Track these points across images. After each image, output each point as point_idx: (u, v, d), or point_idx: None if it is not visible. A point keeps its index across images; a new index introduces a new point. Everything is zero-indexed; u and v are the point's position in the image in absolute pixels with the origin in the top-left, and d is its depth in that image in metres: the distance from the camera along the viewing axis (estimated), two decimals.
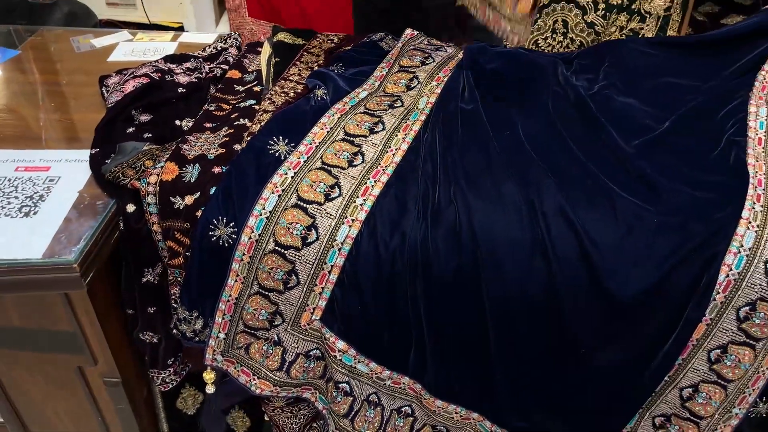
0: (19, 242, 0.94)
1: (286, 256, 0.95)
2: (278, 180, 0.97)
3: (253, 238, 0.95)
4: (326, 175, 0.97)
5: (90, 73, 1.34)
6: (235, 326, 1.01)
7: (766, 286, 0.90)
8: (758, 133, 1.04)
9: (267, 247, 0.95)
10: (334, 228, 0.94)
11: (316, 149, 1.01)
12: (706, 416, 0.99)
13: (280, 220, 0.94)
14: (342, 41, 1.37)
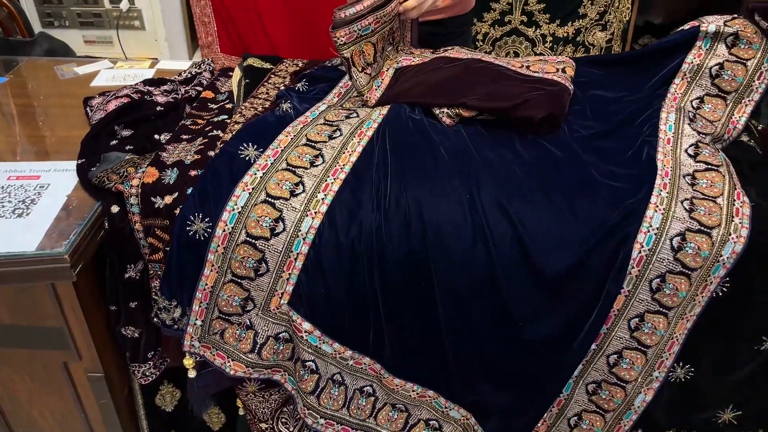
0: (14, 238, 1.04)
1: (257, 246, 1.07)
2: (248, 179, 1.09)
3: (227, 230, 1.07)
4: (291, 174, 1.10)
5: (74, 96, 1.46)
6: (210, 313, 1.12)
7: (673, 260, 1.04)
8: (667, 134, 1.20)
9: (239, 238, 1.07)
10: (299, 220, 1.06)
11: (281, 153, 1.14)
12: (631, 380, 1.12)
13: (250, 214, 1.06)
14: (306, 65, 1.52)
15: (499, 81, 1.27)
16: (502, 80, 1.27)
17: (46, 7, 2.69)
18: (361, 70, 1.30)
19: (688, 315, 1.08)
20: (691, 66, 1.28)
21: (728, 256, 1.03)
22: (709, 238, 1.03)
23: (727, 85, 1.26)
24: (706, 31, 1.28)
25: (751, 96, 1.26)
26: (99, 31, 2.73)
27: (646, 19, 3.07)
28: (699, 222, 1.04)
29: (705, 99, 1.27)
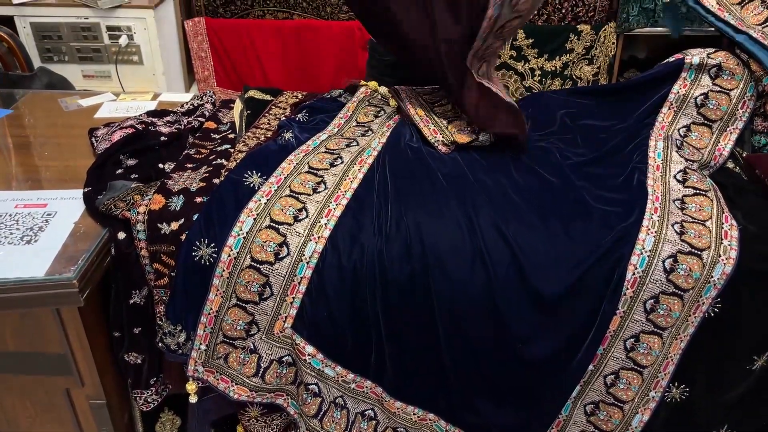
0: (23, 264, 1.06)
1: (261, 270, 1.09)
2: (253, 206, 1.12)
3: (232, 255, 1.09)
4: (294, 200, 1.13)
5: (79, 127, 1.49)
6: (215, 337, 1.14)
7: (666, 282, 1.08)
8: (656, 161, 1.25)
9: (244, 263, 1.09)
10: (303, 244, 1.09)
11: (285, 180, 1.17)
12: (628, 400, 1.15)
13: (255, 239, 1.09)
14: (306, 97, 1.56)
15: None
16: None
17: (46, 43, 2.73)
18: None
19: (681, 335, 1.11)
20: (678, 96, 1.34)
21: (718, 277, 1.07)
22: (700, 260, 1.07)
23: (712, 113, 1.31)
24: (691, 63, 1.34)
25: (735, 124, 1.31)
26: (97, 65, 2.77)
27: (631, 54, 3.16)
28: (690, 244, 1.08)
29: (691, 127, 1.32)
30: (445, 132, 1.30)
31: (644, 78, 1.43)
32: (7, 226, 1.15)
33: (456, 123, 1.33)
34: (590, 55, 2.86)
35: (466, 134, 1.30)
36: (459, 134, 1.30)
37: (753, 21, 1.35)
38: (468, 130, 1.31)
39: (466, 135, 1.29)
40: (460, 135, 1.29)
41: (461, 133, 1.30)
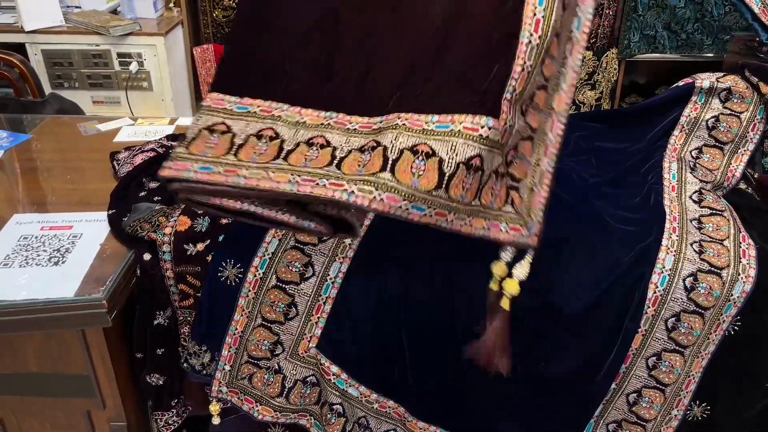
0: (52, 285, 1.07)
1: (287, 290, 1.10)
2: None
3: (258, 276, 1.11)
4: None
5: (99, 151, 1.51)
6: (240, 358, 1.15)
7: (686, 300, 1.09)
8: (671, 182, 1.27)
9: (270, 283, 1.10)
10: (328, 264, 1.11)
11: None
12: (650, 419, 1.15)
13: (281, 260, 1.10)
14: None
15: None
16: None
17: (57, 69, 2.77)
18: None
19: (703, 353, 1.12)
20: (689, 119, 1.37)
21: (738, 296, 1.09)
22: (720, 278, 1.09)
23: (723, 136, 1.34)
24: (701, 87, 1.37)
25: (746, 146, 1.34)
26: (107, 92, 2.81)
27: (632, 79, 3.22)
28: (709, 263, 1.10)
29: (703, 149, 1.35)
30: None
31: (655, 102, 1.46)
32: (35, 248, 1.16)
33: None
34: (593, 81, 2.91)
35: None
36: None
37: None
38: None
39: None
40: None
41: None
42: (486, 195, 0.91)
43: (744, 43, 1.55)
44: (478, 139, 0.87)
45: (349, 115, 0.96)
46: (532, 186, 0.91)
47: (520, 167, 0.93)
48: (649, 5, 2.73)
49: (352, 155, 0.90)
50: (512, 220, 0.93)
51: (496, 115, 0.88)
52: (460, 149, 0.87)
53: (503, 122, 0.89)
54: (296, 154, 0.91)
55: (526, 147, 0.93)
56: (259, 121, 0.95)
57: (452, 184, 0.86)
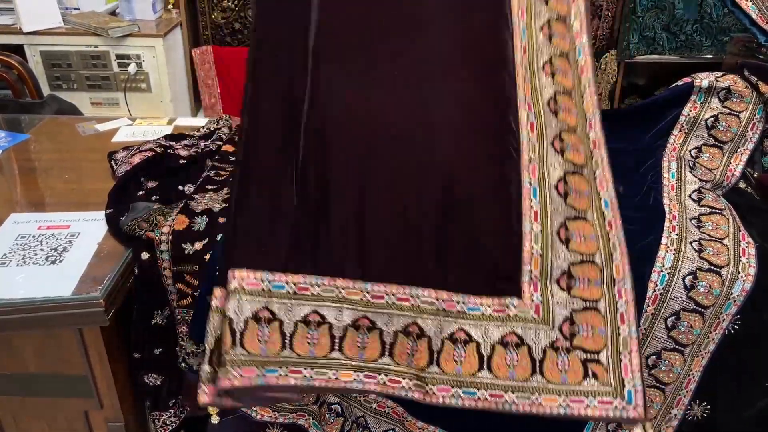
0: (49, 284, 1.07)
1: None
2: None
3: None
4: None
5: (97, 152, 1.51)
6: None
7: (686, 299, 1.09)
8: (671, 181, 1.27)
9: None
10: None
11: None
12: (650, 418, 1.15)
13: None
14: None
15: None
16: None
17: (55, 71, 2.77)
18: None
19: (702, 352, 1.12)
20: (688, 118, 1.37)
21: (738, 294, 1.08)
22: (719, 277, 1.08)
23: (722, 135, 1.34)
24: (700, 86, 1.37)
25: (745, 145, 1.34)
26: (106, 93, 2.81)
27: (631, 81, 3.22)
28: (708, 261, 1.09)
29: (702, 149, 1.35)
30: None
31: (654, 101, 1.46)
32: (32, 247, 1.15)
33: None
34: None
35: None
36: None
37: None
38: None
39: None
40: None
41: None
42: (551, 371, 0.95)
43: (743, 44, 1.55)
44: (506, 319, 0.96)
45: (383, 284, 0.99)
46: (615, 356, 0.96)
47: (592, 339, 0.97)
48: (648, 7, 2.74)
49: (399, 342, 0.97)
50: (600, 393, 0.95)
51: (519, 295, 0.96)
52: (493, 331, 0.96)
53: (529, 300, 0.96)
54: (348, 343, 0.96)
55: (592, 318, 0.98)
56: (301, 303, 0.96)
57: (494, 364, 0.94)
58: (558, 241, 1.01)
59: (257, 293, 0.95)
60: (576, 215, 1.03)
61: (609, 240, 1.00)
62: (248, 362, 0.90)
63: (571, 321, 0.98)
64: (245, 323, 0.93)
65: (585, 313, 0.99)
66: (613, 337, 0.97)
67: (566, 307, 0.99)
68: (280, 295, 0.96)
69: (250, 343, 0.91)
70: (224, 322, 0.92)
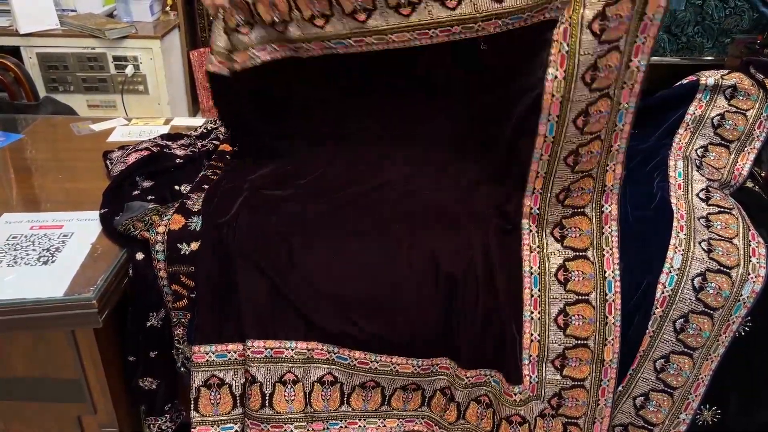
0: (40, 285, 1.03)
1: None
2: None
3: None
4: None
5: (92, 151, 1.48)
6: None
7: (695, 300, 1.06)
8: (677, 180, 1.24)
9: None
10: None
11: None
12: (658, 423, 1.12)
13: None
14: None
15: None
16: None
17: (51, 73, 2.74)
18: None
19: (712, 356, 1.09)
20: (694, 117, 1.34)
21: (748, 296, 1.06)
22: (729, 278, 1.06)
23: (729, 134, 1.31)
24: (706, 84, 1.34)
25: (752, 144, 1.31)
26: (103, 95, 2.78)
27: None
28: (718, 262, 1.07)
29: (709, 148, 1.32)
30: None
31: (659, 99, 1.43)
32: (24, 248, 1.12)
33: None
34: None
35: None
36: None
37: None
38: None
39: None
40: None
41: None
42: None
43: (745, 45, 1.53)
44: (513, 403, 1.09)
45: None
46: (593, 420, 1.12)
47: (575, 408, 1.12)
48: None
49: (436, 397, 1.16)
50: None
51: (520, 382, 1.08)
52: (502, 408, 1.10)
53: (527, 383, 1.09)
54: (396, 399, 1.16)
55: (577, 394, 1.11)
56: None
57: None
58: (556, 327, 1.09)
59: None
60: (577, 299, 1.09)
61: (606, 324, 1.07)
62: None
63: (560, 396, 1.12)
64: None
65: (572, 390, 1.11)
66: (591, 407, 1.12)
67: (557, 386, 1.11)
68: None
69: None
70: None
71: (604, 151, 1.07)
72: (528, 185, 1.11)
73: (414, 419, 1.17)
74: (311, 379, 1.12)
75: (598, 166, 1.09)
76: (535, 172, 1.08)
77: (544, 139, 1.04)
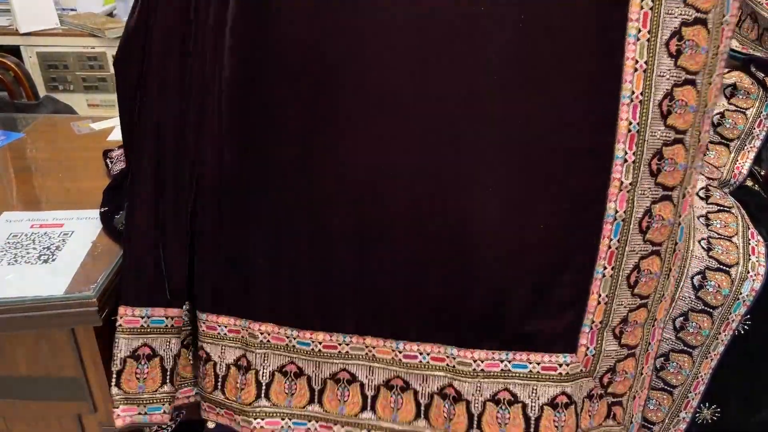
0: (41, 283, 1.04)
1: None
2: None
3: None
4: None
5: (92, 150, 1.48)
6: None
7: (694, 299, 1.06)
8: None
9: None
10: None
11: None
12: (657, 421, 1.12)
13: None
14: None
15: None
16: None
17: (52, 72, 2.75)
18: None
19: (712, 354, 1.09)
20: None
21: (747, 294, 1.06)
22: (728, 276, 1.06)
23: (729, 132, 1.32)
24: None
25: (752, 143, 1.31)
26: (103, 94, 2.79)
27: None
28: (717, 260, 1.07)
29: (709, 146, 1.32)
30: None
31: None
32: (24, 246, 1.13)
33: None
34: None
35: None
36: None
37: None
38: None
39: None
40: None
41: None
42: (584, 419, 0.94)
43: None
44: (558, 378, 0.89)
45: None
46: (634, 394, 0.97)
47: (623, 383, 0.96)
48: None
49: (435, 404, 0.94)
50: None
51: (573, 350, 0.89)
52: (541, 391, 0.89)
53: (583, 354, 0.91)
54: (382, 403, 0.98)
55: (628, 365, 0.95)
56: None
57: (541, 426, 0.89)
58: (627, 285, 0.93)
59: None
60: (652, 251, 0.92)
61: (668, 278, 0.94)
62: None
63: (613, 371, 0.97)
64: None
65: (625, 361, 0.97)
66: (636, 379, 0.99)
67: (613, 358, 0.96)
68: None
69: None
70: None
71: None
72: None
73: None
74: (270, 368, 1.00)
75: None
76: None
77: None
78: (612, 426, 0.98)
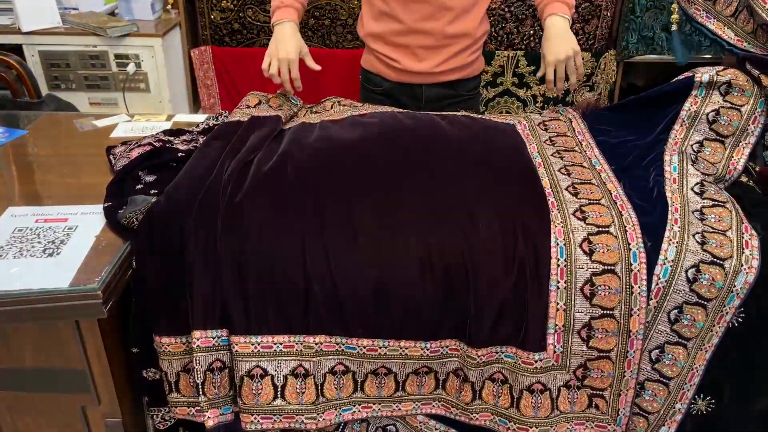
0: (46, 276, 1.05)
1: None
2: None
3: None
4: None
5: (95, 147, 1.50)
6: None
7: (689, 291, 1.08)
8: (672, 174, 1.26)
9: None
10: None
11: None
12: (653, 412, 1.14)
13: None
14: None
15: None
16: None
17: (54, 71, 2.76)
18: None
19: (706, 345, 1.11)
20: (689, 113, 1.36)
21: (741, 287, 1.08)
22: (722, 270, 1.08)
23: (724, 129, 1.33)
24: (701, 81, 1.36)
25: (747, 139, 1.33)
26: (105, 93, 2.80)
27: (630, 81, 3.22)
28: (711, 254, 1.09)
29: (704, 143, 1.34)
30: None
31: (654, 94, 1.45)
32: (29, 240, 1.14)
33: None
34: (591, 82, 2.92)
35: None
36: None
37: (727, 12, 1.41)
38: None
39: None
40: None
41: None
42: (563, 404, 1.14)
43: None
44: (534, 371, 1.11)
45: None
46: (618, 392, 1.14)
47: (600, 380, 1.14)
48: (647, 6, 2.74)
49: (450, 380, 1.17)
50: (598, 419, 1.16)
51: (543, 349, 1.10)
52: (521, 379, 1.12)
53: (552, 351, 1.10)
54: (409, 383, 1.18)
55: (603, 366, 1.12)
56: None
57: (522, 404, 1.13)
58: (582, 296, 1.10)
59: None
60: (603, 270, 1.09)
61: (632, 294, 1.08)
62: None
63: (585, 367, 1.13)
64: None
65: (598, 361, 1.12)
66: (617, 379, 1.13)
67: (582, 357, 1.12)
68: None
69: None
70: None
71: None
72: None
73: (430, 402, 1.17)
74: (323, 371, 1.13)
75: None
76: None
77: None
78: (596, 414, 1.15)
